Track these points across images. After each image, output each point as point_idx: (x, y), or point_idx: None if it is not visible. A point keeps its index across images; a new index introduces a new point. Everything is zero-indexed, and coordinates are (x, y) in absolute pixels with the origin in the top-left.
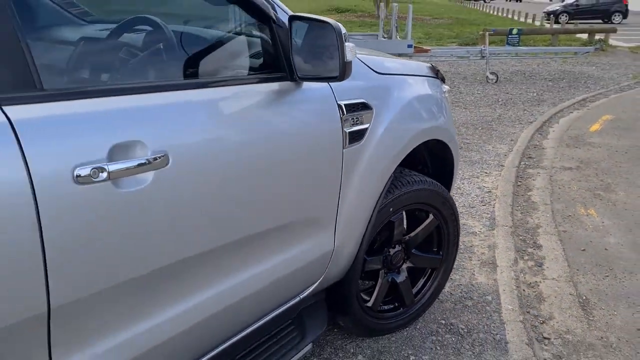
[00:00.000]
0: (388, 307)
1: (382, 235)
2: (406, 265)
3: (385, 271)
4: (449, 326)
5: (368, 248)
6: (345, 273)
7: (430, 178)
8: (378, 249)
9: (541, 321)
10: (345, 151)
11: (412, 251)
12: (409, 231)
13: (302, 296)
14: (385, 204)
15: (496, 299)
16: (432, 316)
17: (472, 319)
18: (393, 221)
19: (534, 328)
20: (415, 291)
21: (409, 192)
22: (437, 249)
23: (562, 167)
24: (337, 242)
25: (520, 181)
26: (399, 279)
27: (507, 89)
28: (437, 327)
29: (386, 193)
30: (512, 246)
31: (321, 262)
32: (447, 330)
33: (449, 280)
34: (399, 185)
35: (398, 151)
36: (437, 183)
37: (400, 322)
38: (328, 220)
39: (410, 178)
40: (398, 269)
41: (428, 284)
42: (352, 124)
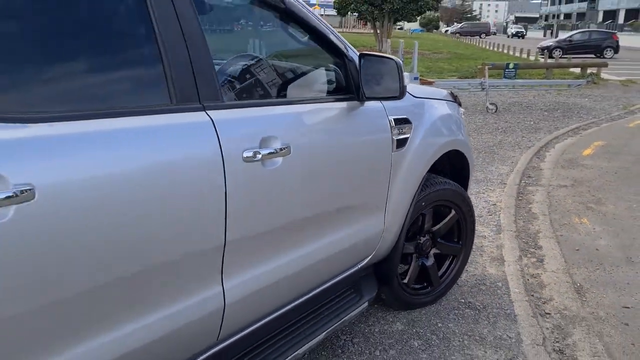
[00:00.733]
0: (419, 286)
1: (415, 225)
2: (433, 251)
3: (417, 255)
4: (468, 303)
5: (405, 235)
6: (389, 251)
7: (452, 180)
8: (412, 237)
9: (543, 302)
10: (393, 154)
11: (438, 240)
12: (435, 224)
13: (360, 265)
14: (419, 199)
15: (505, 285)
16: (453, 296)
17: (486, 299)
18: (424, 214)
19: (537, 306)
20: (440, 273)
21: (437, 191)
22: (457, 239)
23: (558, 185)
24: (386, 224)
25: (521, 196)
26: (428, 263)
27: (506, 118)
28: (458, 304)
29: (420, 190)
30: (517, 246)
31: (374, 239)
32: (466, 306)
33: (465, 271)
34: (429, 185)
35: (429, 157)
36: (458, 184)
37: (428, 299)
38: (380, 206)
39: (437, 180)
40: (427, 255)
41: (450, 268)
42: (398, 134)
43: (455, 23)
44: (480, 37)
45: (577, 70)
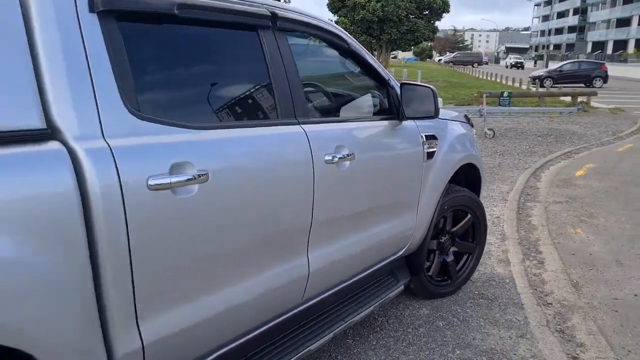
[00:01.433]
0: (441, 279)
1: (438, 227)
2: (452, 249)
3: (439, 252)
4: (481, 295)
5: (430, 234)
6: (418, 247)
7: (467, 189)
8: (435, 236)
9: (545, 294)
10: (424, 164)
11: (456, 239)
12: (454, 226)
13: (397, 255)
14: (443, 203)
15: (512, 281)
16: (468, 289)
17: (497, 291)
18: (446, 216)
19: (540, 298)
20: (458, 269)
21: (456, 197)
22: (472, 239)
23: (554, 201)
24: (418, 221)
25: (521, 210)
26: (448, 259)
27: (504, 143)
28: (473, 295)
29: (443, 196)
30: (520, 251)
31: (408, 233)
32: (480, 297)
33: (477, 270)
34: (450, 192)
35: (451, 168)
36: (472, 192)
37: (448, 290)
38: (413, 205)
39: (456, 188)
40: (447, 252)
41: (466, 264)
42: (428, 147)
43: (447, 52)
44: (472, 67)
45: (568, 98)
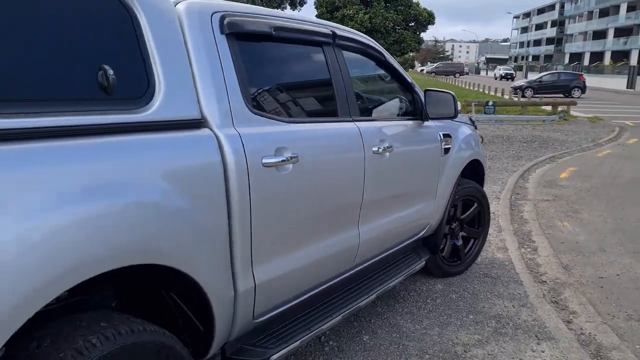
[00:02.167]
0: (452, 260)
1: (450, 214)
2: (461, 234)
3: (450, 236)
4: (485, 274)
5: (445, 219)
6: (436, 229)
7: (474, 181)
8: (448, 222)
9: (540, 274)
10: (441, 158)
11: (465, 226)
12: (462, 213)
13: (419, 236)
14: (455, 192)
15: (511, 264)
16: (474, 270)
17: (499, 272)
18: (457, 205)
19: (536, 277)
20: (466, 251)
21: (465, 188)
22: (478, 226)
23: (542, 199)
24: (436, 207)
25: (513, 207)
26: (458, 243)
27: (492, 148)
28: (479, 275)
29: (456, 187)
30: (516, 240)
31: (428, 216)
32: (485, 276)
33: (480, 255)
34: (460, 184)
35: (462, 162)
36: (478, 184)
37: (458, 269)
38: (433, 192)
39: (465, 181)
40: (457, 236)
41: (473, 247)
42: (445, 144)
43: (429, 63)
44: (454, 77)
45: (549, 108)
